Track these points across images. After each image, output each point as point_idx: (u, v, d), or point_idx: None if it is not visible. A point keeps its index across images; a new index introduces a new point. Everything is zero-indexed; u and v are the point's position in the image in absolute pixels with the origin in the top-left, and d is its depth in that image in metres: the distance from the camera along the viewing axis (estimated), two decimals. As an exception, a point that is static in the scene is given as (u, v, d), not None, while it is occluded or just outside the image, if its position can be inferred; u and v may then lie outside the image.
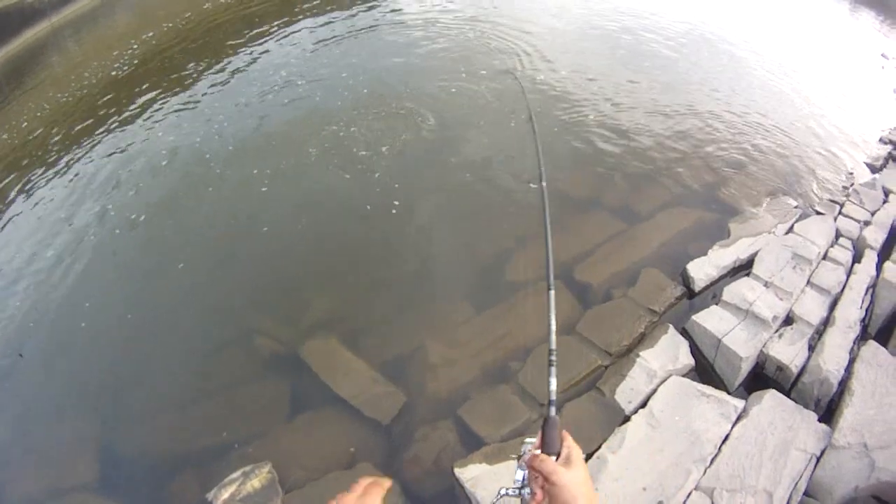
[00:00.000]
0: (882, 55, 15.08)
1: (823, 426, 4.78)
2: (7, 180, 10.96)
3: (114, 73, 14.78)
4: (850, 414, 4.80)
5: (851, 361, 5.35)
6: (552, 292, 2.61)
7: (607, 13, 13.86)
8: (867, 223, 7.31)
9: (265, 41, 14.35)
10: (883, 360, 5.27)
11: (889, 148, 9.74)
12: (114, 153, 10.64)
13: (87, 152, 10.98)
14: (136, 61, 15.34)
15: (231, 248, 7.87)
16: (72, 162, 10.80)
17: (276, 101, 11.17)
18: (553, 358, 2.45)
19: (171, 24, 17.42)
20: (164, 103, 12.24)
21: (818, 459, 4.58)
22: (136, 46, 16.16)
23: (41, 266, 8.26)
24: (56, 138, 12.04)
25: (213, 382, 6.35)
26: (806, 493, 4.47)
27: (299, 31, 14.61)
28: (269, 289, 7.29)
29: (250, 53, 13.82)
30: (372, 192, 8.27)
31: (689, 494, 4.38)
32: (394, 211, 7.88)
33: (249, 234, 8.00)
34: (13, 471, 5.92)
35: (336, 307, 6.87)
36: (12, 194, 10.39)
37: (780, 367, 5.43)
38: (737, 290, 6.05)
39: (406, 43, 12.90)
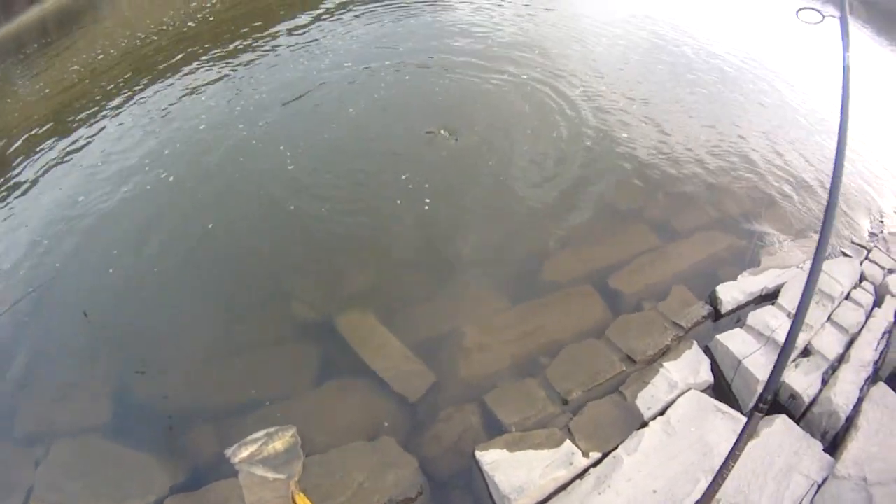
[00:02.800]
0: None
1: (827, 456, 5.10)
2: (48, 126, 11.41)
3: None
4: (854, 448, 5.11)
5: (861, 400, 5.65)
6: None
7: (660, 42, 14.06)
8: (892, 271, 7.62)
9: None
10: (890, 403, 5.57)
11: (927, 199, 9.96)
12: (152, 113, 11.14)
13: (128, 107, 11.54)
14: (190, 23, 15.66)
15: (277, 213, 8.19)
16: (111, 115, 11.37)
17: (331, 73, 11.55)
18: None
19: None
20: (219, 64, 12.67)
21: (819, 487, 4.89)
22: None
23: (74, 213, 8.72)
24: (97, 95, 12.63)
25: (242, 341, 6.67)
26: None
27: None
28: (310, 257, 7.62)
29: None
30: (423, 177, 8.60)
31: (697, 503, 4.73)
32: (441, 198, 8.23)
33: (297, 200, 8.32)
34: (27, 408, 6.25)
35: (375, 282, 7.19)
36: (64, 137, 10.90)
37: (793, 396, 5.76)
38: (761, 317, 6.36)
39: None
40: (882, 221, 9.16)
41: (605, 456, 5.21)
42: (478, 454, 5.23)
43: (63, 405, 6.21)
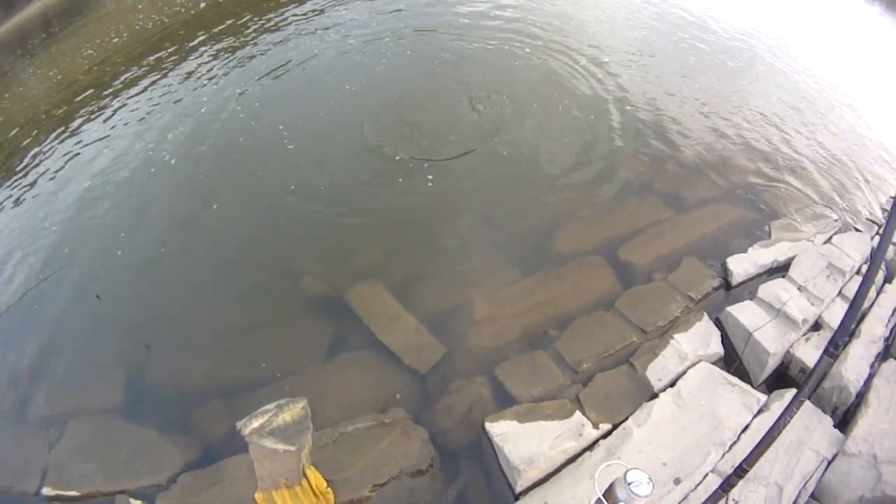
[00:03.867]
0: None
1: (837, 432, 5.15)
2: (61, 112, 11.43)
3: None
4: (864, 425, 5.14)
5: (871, 376, 5.68)
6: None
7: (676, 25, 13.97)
8: None
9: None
10: None
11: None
12: (156, 100, 11.15)
13: (132, 94, 11.57)
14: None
15: (287, 191, 8.21)
16: (114, 101, 11.41)
17: (334, 60, 11.53)
18: None
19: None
20: (227, 48, 12.65)
21: (829, 463, 4.95)
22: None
23: (79, 198, 8.80)
24: (94, 81, 12.65)
25: (252, 316, 6.74)
26: (812, 496, 4.85)
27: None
28: (319, 233, 7.66)
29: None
30: (438, 144, 8.70)
31: (706, 476, 4.77)
32: (453, 170, 8.26)
33: (306, 179, 8.37)
34: (41, 391, 6.30)
35: (385, 256, 7.23)
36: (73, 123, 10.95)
37: (804, 369, 5.79)
38: (772, 290, 6.40)
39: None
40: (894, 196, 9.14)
41: (615, 427, 5.27)
42: (487, 425, 5.29)
43: (77, 387, 6.28)
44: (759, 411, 5.29)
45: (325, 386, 5.90)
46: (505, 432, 5.21)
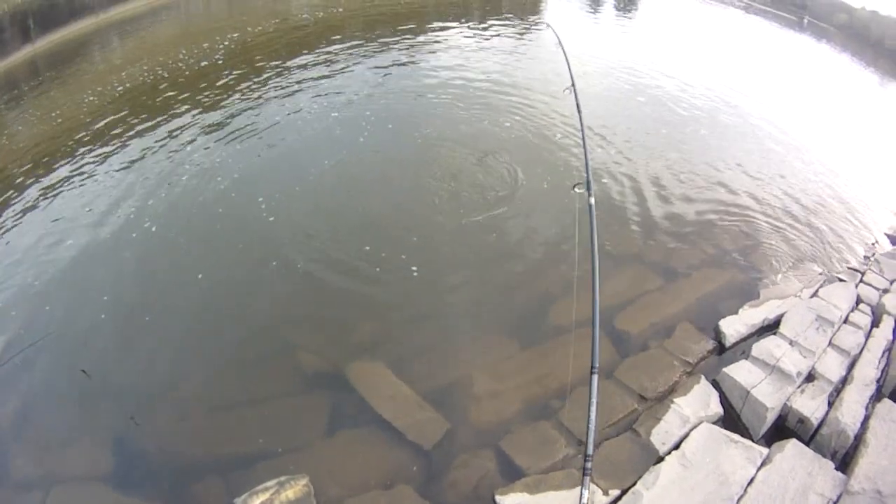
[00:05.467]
0: None
1: (840, 474, 5.27)
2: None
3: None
4: (865, 464, 5.29)
5: (867, 418, 5.88)
6: (595, 377, 2.69)
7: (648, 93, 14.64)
8: (886, 291, 7.96)
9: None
10: None
11: (912, 220, 10.38)
12: (134, 165, 11.30)
13: (106, 158, 11.67)
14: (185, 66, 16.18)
15: (283, 264, 8.31)
16: (92, 163, 11.49)
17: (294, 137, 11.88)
18: (589, 465, 2.63)
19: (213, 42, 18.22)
20: (205, 115, 13.06)
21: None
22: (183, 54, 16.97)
23: (62, 260, 8.81)
24: (78, 137, 12.74)
25: (250, 391, 6.71)
26: None
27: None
28: (317, 307, 7.75)
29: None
30: (430, 220, 8.97)
31: None
32: (447, 245, 8.52)
33: (302, 251, 8.49)
34: (26, 455, 6.20)
35: (384, 331, 7.33)
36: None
37: (802, 420, 5.97)
38: (765, 347, 6.63)
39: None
40: (874, 244, 9.61)
41: (624, 493, 5.32)
42: (497, 498, 5.33)
43: (63, 452, 6.18)
44: (763, 463, 5.38)
45: (327, 462, 5.85)
46: (516, 504, 5.23)
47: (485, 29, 18.84)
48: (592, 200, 5.30)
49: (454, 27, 18.98)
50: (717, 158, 11.48)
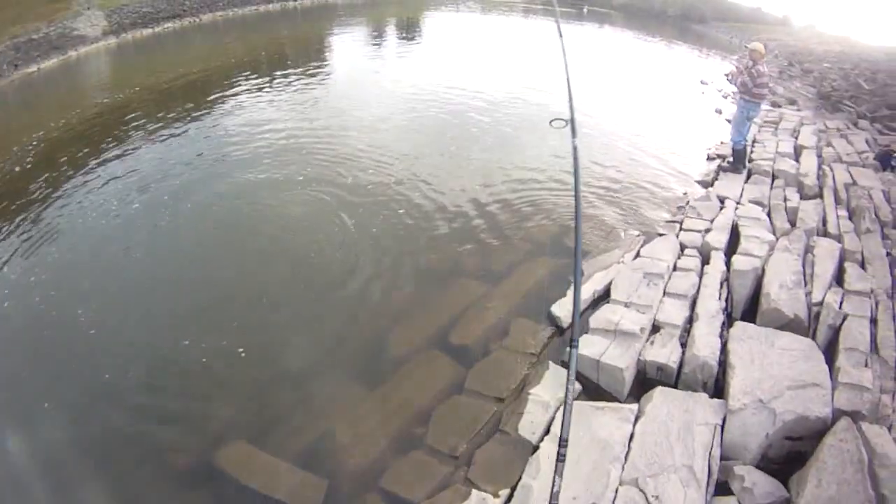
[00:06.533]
0: (701, 81, 18.16)
1: (716, 400, 5.28)
2: None
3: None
4: (737, 382, 5.30)
5: (724, 344, 5.95)
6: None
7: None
8: (708, 230, 8.24)
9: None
10: (753, 333, 5.93)
11: (717, 162, 11.25)
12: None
13: None
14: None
15: (127, 363, 7.30)
16: None
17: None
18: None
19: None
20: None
21: (722, 427, 5.02)
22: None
23: None
24: None
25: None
26: (723, 458, 4.89)
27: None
28: (165, 402, 6.84)
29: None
30: (257, 286, 8.33)
31: (616, 491, 4.63)
32: (276, 311, 7.92)
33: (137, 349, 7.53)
34: None
35: (237, 409, 6.65)
36: None
37: (661, 367, 5.95)
38: (601, 316, 6.58)
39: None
40: (685, 193, 10.17)
41: (513, 490, 5.07)
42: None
43: None
44: (637, 418, 5.31)
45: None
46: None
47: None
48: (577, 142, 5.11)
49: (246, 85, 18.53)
50: (507, 157, 11.83)
